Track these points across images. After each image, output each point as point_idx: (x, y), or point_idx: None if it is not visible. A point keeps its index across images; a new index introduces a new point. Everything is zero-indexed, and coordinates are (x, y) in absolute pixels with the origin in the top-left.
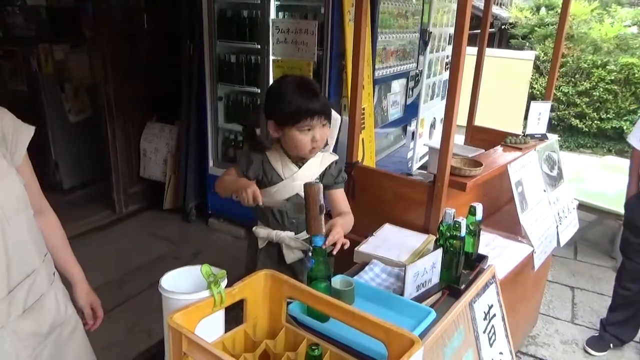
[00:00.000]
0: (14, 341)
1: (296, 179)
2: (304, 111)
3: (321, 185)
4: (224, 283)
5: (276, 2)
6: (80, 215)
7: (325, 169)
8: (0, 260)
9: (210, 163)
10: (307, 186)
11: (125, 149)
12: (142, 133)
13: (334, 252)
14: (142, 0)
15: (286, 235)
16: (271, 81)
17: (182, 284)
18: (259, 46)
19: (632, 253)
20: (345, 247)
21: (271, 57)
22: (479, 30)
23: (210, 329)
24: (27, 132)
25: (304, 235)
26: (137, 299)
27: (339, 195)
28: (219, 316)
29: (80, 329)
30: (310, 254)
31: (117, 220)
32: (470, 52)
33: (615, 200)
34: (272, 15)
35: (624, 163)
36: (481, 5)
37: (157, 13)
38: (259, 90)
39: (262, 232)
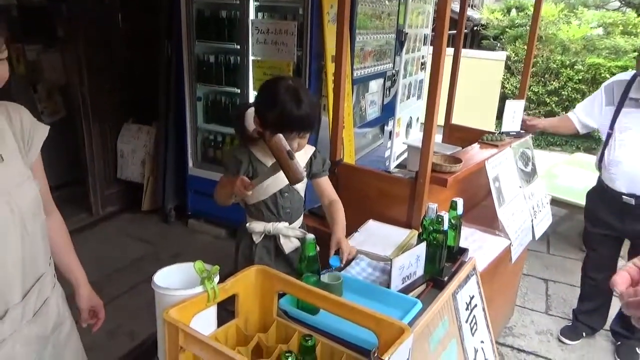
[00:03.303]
0: (24, 345)
1: None
2: (287, 123)
3: (280, 135)
4: (217, 279)
5: (255, 3)
6: None
7: (310, 157)
8: (18, 265)
9: (190, 163)
10: (269, 142)
11: (101, 150)
12: (118, 134)
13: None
14: None
15: (282, 225)
16: (251, 81)
17: (172, 281)
18: (239, 46)
19: (593, 243)
20: (351, 256)
21: (251, 58)
22: (454, 32)
23: (203, 324)
24: (43, 130)
25: (297, 223)
26: (117, 301)
27: (325, 182)
28: (212, 312)
29: (75, 330)
30: (332, 255)
31: (94, 223)
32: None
33: (583, 195)
34: (252, 15)
35: (592, 159)
36: (456, 7)
37: (134, 12)
38: (238, 91)
39: (258, 226)
